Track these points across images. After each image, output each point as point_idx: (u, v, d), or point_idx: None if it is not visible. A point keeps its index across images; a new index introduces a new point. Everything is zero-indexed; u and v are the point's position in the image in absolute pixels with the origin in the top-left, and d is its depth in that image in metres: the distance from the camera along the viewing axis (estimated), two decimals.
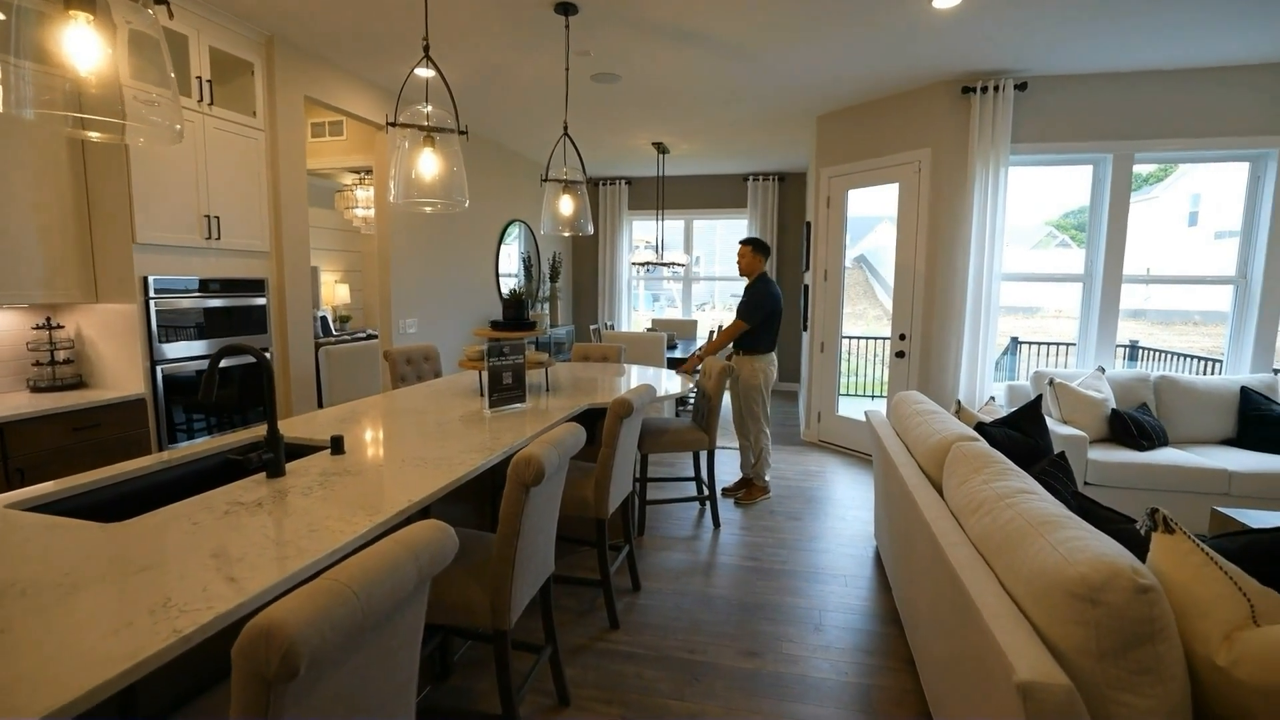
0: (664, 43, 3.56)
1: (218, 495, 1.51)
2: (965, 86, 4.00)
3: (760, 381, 3.85)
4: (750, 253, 3.87)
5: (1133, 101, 3.90)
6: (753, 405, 3.90)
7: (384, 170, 4.40)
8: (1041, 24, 3.24)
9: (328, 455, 1.87)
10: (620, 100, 4.64)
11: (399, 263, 4.60)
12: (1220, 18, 3.14)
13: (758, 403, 3.88)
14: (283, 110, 3.51)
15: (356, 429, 2.23)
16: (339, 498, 1.51)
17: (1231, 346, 4.09)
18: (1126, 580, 1.14)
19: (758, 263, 3.87)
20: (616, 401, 2.37)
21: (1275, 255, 3.85)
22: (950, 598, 1.53)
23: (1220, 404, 3.66)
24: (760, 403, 3.88)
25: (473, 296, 5.81)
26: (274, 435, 1.64)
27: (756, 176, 7.67)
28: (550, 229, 3.36)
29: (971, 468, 1.87)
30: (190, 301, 3.14)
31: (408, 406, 2.65)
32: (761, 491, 3.99)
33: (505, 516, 1.58)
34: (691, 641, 2.41)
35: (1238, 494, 3.19)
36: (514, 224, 6.62)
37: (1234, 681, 1.14)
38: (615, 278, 8.36)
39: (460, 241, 5.50)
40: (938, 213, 4.25)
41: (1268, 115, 3.76)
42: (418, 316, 4.86)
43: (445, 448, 1.99)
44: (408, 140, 2.13)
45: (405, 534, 1.02)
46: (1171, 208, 13.88)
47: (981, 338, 4.13)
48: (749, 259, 3.88)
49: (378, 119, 4.25)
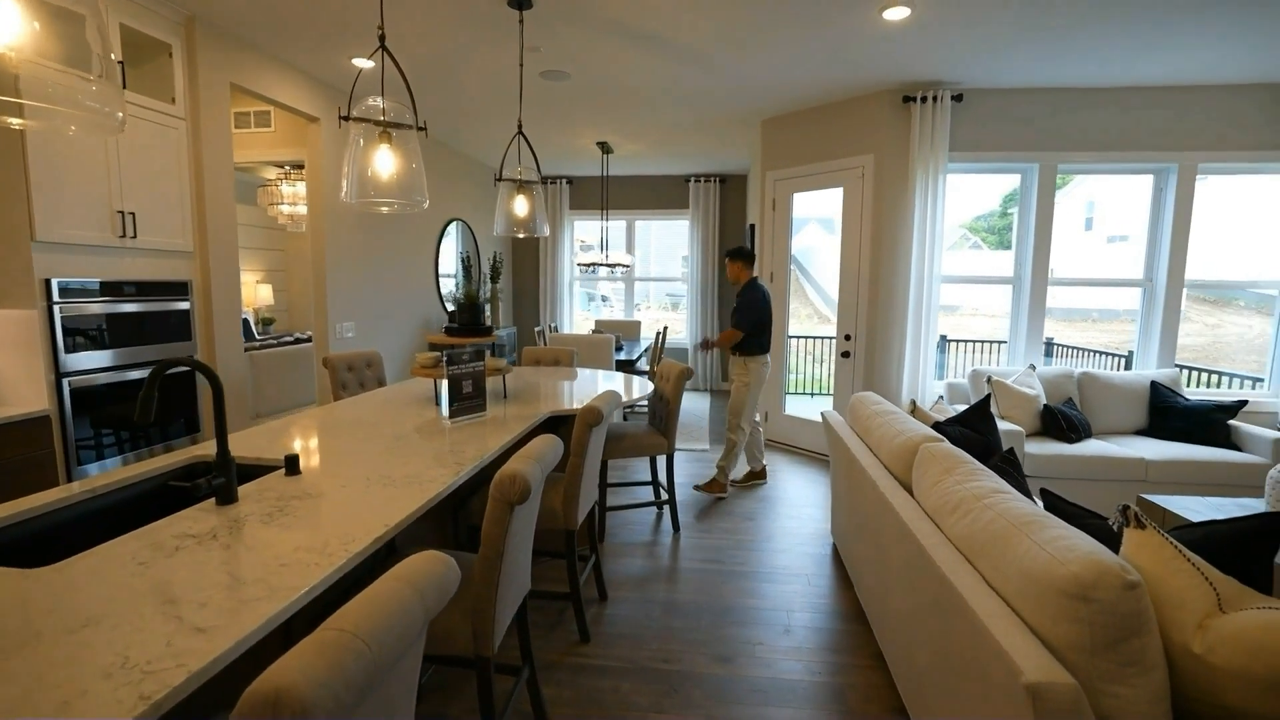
0: (616, 42, 3.51)
1: (162, 528, 1.35)
2: (906, 96, 4.17)
3: (751, 380, 3.99)
4: (737, 264, 4.02)
5: (1056, 116, 4.17)
6: (736, 400, 4.02)
7: (318, 165, 4.13)
8: (978, 40, 3.40)
9: (282, 476, 1.71)
10: (568, 99, 4.55)
11: (335, 263, 4.33)
12: (1131, 41, 3.40)
13: (745, 400, 4.00)
14: (206, 98, 3.23)
15: (308, 445, 2.06)
16: (305, 525, 1.38)
17: (1140, 344, 4.45)
18: (1116, 577, 1.19)
19: (745, 270, 4.02)
20: (586, 409, 2.30)
21: (1177, 260, 4.22)
22: (937, 598, 1.56)
23: (1134, 397, 3.97)
24: (747, 403, 3.99)
25: (412, 299, 5.56)
26: (225, 457, 1.48)
27: (698, 178, 7.74)
28: (504, 230, 3.24)
29: (942, 468, 1.93)
30: (101, 306, 2.82)
31: (358, 418, 2.49)
32: (720, 488, 4.04)
33: (489, 537, 1.49)
34: (665, 650, 2.38)
35: (1154, 480, 3.46)
36: (453, 223, 6.39)
37: (1210, 667, 1.21)
38: (557, 278, 8.23)
39: (398, 241, 5.25)
40: (880, 217, 4.41)
41: (1169, 132, 4.12)
42: (355, 320, 4.59)
43: (410, 464, 1.86)
44: (363, 136, 1.98)
45: (407, 570, 0.93)
46: (1070, 213, 15.11)
47: (923, 337, 4.32)
48: (736, 269, 4.04)
49: (311, 110, 3.99)
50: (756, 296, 3.95)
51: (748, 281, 4.02)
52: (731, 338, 3.96)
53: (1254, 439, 3.60)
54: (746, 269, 4.02)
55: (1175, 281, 4.24)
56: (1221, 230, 5.00)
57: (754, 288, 3.98)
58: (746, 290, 3.98)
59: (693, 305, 8.05)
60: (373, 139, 2.00)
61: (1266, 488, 2.57)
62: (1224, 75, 3.91)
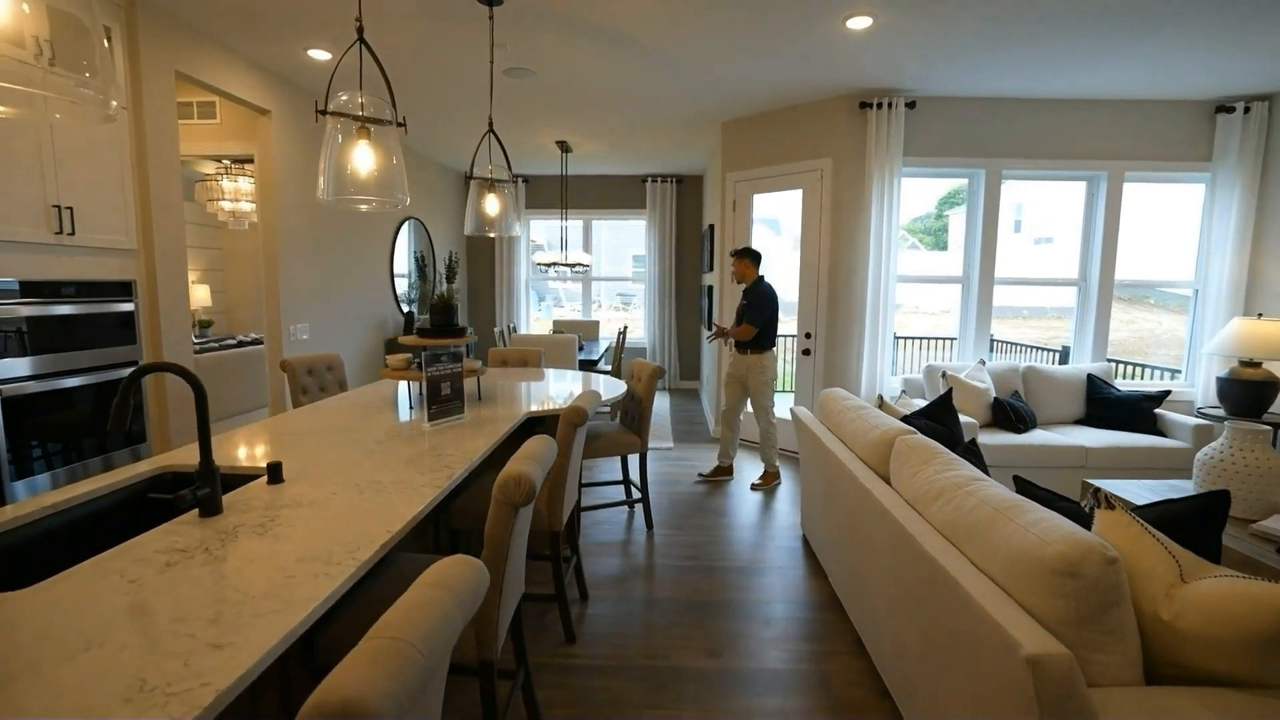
0: (584, 41, 3.50)
1: (146, 543, 1.27)
2: (863, 102, 4.32)
3: (770, 377, 4.14)
4: (745, 263, 4.14)
5: (1002, 124, 4.42)
6: (762, 398, 4.15)
7: (269, 160, 3.95)
8: (933, 50, 3.57)
9: (264, 485, 1.64)
10: (531, 96, 4.51)
11: (287, 263, 4.15)
12: (1071, 57, 3.64)
13: (767, 395, 4.15)
14: (150, 86, 3.04)
15: (284, 452, 1.97)
16: (302, 535, 1.33)
17: (1076, 339, 4.77)
18: (1098, 554, 1.28)
19: (752, 269, 4.14)
20: (571, 409, 2.29)
21: (1108, 262, 4.53)
22: (927, 581, 1.64)
23: (1072, 389, 4.25)
24: (769, 395, 4.17)
25: (368, 299, 5.39)
26: (209, 466, 1.40)
27: (655, 178, 7.79)
28: (474, 229, 3.18)
29: (921, 459, 2.02)
30: (34, 309, 2.62)
31: (331, 423, 2.39)
32: (774, 477, 4.28)
33: (493, 539, 1.47)
34: (651, 647, 2.40)
35: (1093, 466, 3.72)
36: (407, 221, 6.22)
37: (1177, 631, 1.32)
38: (514, 278, 8.12)
39: (353, 241, 5.07)
40: (839, 218, 4.55)
41: (1101, 143, 4.43)
42: (310, 321, 4.41)
43: (397, 469, 1.81)
44: (341, 132, 1.91)
45: (442, 576, 0.91)
46: (1001, 217, 15.99)
47: (880, 335, 4.49)
48: (743, 268, 4.15)
49: (262, 103, 3.80)
50: (767, 293, 4.09)
51: (755, 279, 4.14)
52: (748, 333, 4.07)
53: (1177, 425, 3.91)
54: (753, 267, 4.14)
55: (1106, 281, 4.56)
56: (1135, 233, 5.40)
57: (763, 285, 4.12)
58: (756, 288, 4.12)
59: (650, 305, 8.09)
60: (350, 135, 1.93)
61: (1195, 469, 2.80)
62: (1149, 92, 4.24)
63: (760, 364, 4.12)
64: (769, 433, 4.21)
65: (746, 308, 4.11)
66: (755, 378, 4.14)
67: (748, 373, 4.17)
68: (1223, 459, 2.71)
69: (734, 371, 4.25)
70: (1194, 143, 4.44)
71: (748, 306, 4.11)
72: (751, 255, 4.15)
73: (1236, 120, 4.31)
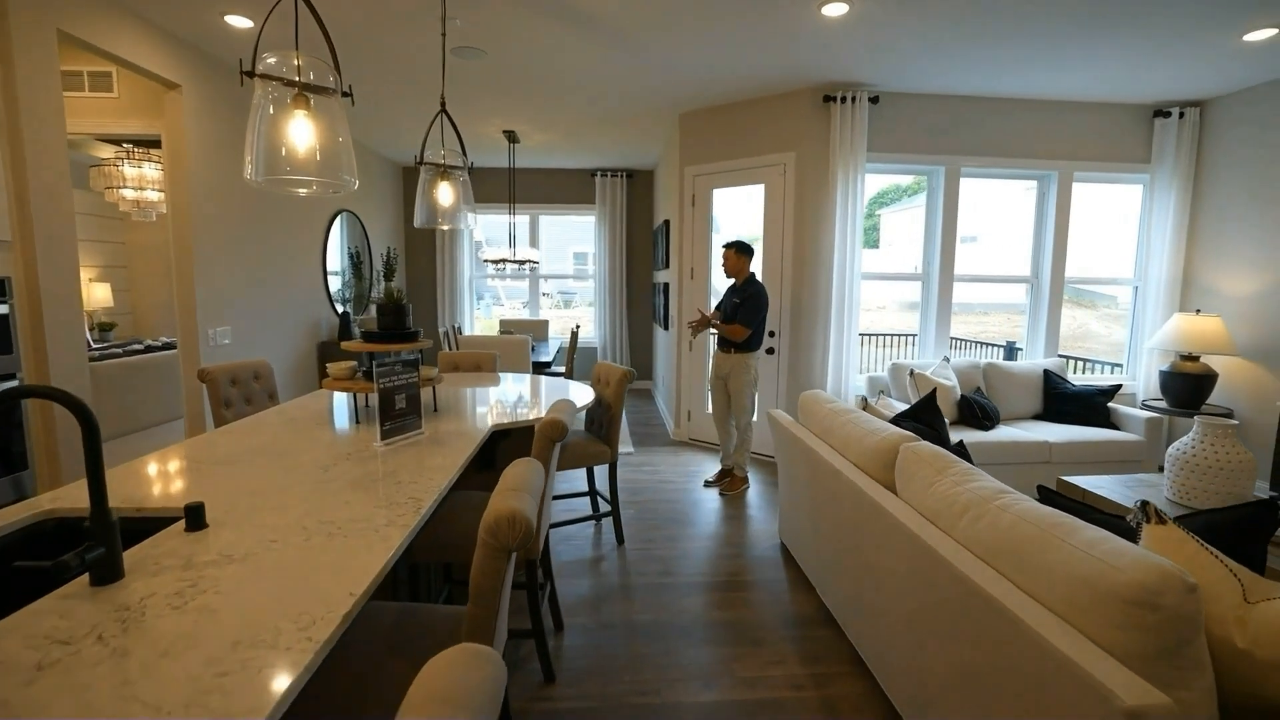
0: (541, 20, 3.23)
1: (9, 632, 0.94)
2: (827, 95, 4.23)
3: (753, 377, 4.02)
4: (735, 255, 3.95)
5: (961, 123, 4.43)
6: (743, 399, 4.01)
7: (180, 141, 3.46)
8: (903, 44, 3.49)
9: (181, 533, 1.31)
10: (480, 80, 4.18)
11: (205, 259, 3.66)
12: (1029, 57, 3.65)
13: (748, 396, 4.02)
14: (21, 44, 2.55)
15: (207, 486, 1.62)
16: (236, 605, 1.02)
17: (1029, 335, 4.86)
18: (1178, 582, 1.15)
19: (744, 264, 3.97)
20: (548, 424, 2.03)
21: (1059, 260, 4.64)
22: (960, 607, 1.48)
23: (1030, 385, 4.31)
24: (750, 397, 4.04)
25: (299, 300, 4.89)
26: (104, 519, 1.08)
27: (605, 173, 7.53)
28: (425, 221, 2.86)
29: (934, 469, 1.88)
30: None
31: (263, 445, 2.04)
32: (742, 481, 4.12)
33: (482, 591, 1.21)
34: (640, 681, 2.17)
35: (1056, 461, 3.76)
36: (340, 214, 5.73)
37: (1255, 661, 1.21)
38: (456, 276, 7.69)
39: (281, 234, 4.58)
40: (803, 214, 4.45)
41: (1052, 143, 4.52)
42: (232, 325, 3.93)
43: (353, 503, 1.51)
44: (273, 101, 1.58)
45: (450, 689, 0.65)
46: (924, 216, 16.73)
47: (846, 332, 4.42)
48: (735, 261, 3.96)
49: (171, 75, 3.32)
50: (762, 293, 3.95)
51: (749, 277, 3.98)
52: (740, 333, 3.89)
53: (1129, 419, 4.01)
54: (747, 261, 3.97)
55: (1058, 278, 4.66)
56: (1081, 232, 5.59)
57: (756, 284, 3.97)
58: (750, 286, 3.95)
59: (600, 304, 7.83)
60: (285, 105, 1.60)
61: (1167, 464, 2.82)
62: (1096, 94, 4.34)
63: (744, 364, 3.97)
64: (746, 435, 4.07)
65: (739, 306, 3.92)
66: (739, 378, 3.99)
67: (730, 372, 4.02)
68: (1194, 454, 2.74)
69: (717, 371, 4.11)
70: (1135, 145, 4.60)
71: (740, 305, 3.92)
72: (745, 249, 3.97)
73: (1172, 125, 4.49)
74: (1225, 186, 4.35)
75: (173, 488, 1.60)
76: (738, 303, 3.93)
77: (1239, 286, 4.26)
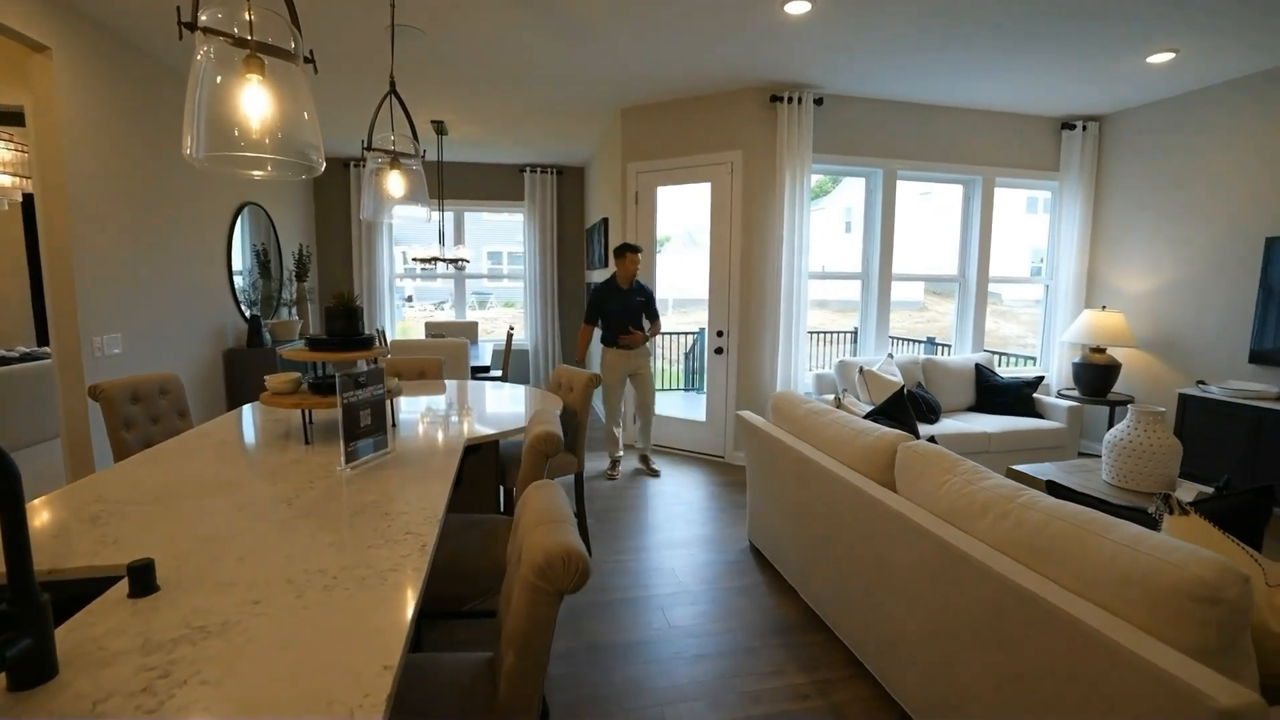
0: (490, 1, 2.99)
1: None
2: (774, 95, 4.24)
3: None
4: (636, 258, 4.16)
5: (899, 127, 4.60)
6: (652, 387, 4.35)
7: (51, 116, 2.92)
8: (855, 46, 3.54)
9: (124, 600, 1.03)
10: (411, 62, 3.85)
11: (87, 255, 3.12)
12: (966, 67, 3.82)
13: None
14: None
15: (140, 534, 1.31)
16: (233, 699, 0.79)
17: (958, 331, 5.13)
18: (1234, 575, 1.16)
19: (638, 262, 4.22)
20: (541, 437, 1.85)
21: (984, 260, 4.92)
22: (994, 609, 1.45)
23: (964, 378, 4.54)
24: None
25: (201, 302, 4.32)
26: (29, 596, 0.80)
27: (535, 169, 7.27)
28: (372, 214, 2.57)
29: (940, 468, 1.87)
30: None
31: (199, 475, 1.71)
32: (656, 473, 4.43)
33: (530, 642, 1.03)
34: (643, 713, 2.03)
35: (995, 450, 3.96)
36: (246, 207, 5.14)
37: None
38: (375, 275, 7.15)
39: (178, 228, 4.01)
40: (750, 213, 4.45)
41: (978, 150, 4.78)
42: (123, 331, 3.38)
43: (341, 544, 1.27)
44: (217, 60, 1.30)
45: None
46: (833, 219, 17.61)
47: (794, 331, 4.46)
48: (636, 263, 4.16)
49: (37, 35, 2.79)
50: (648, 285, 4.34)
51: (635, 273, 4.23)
52: (659, 329, 4.28)
53: (1052, 408, 4.31)
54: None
55: (983, 277, 4.95)
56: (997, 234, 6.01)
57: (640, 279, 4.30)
58: (644, 283, 4.30)
59: (530, 304, 7.55)
60: (233, 67, 1.32)
61: (1104, 450, 3.02)
62: (1015, 106, 4.64)
63: (648, 354, 4.31)
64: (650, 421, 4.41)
65: (645, 304, 4.24)
66: (647, 369, 4.29)
67: (642, 365, 4.26)
68: (1129, 440, 2.94)
69: (624, 369, 4.24)
70: (1046, 154, 4.96)
71: (646, 302, 4.24)
72: (639, 249, 4.20)
73: (1077, 137, 4.88)
74: (1122, 194, 4.78)
75: (96, 538, 1.28)
76: (643, 300, 4.22)
77: (1136, 285, 4.69)
